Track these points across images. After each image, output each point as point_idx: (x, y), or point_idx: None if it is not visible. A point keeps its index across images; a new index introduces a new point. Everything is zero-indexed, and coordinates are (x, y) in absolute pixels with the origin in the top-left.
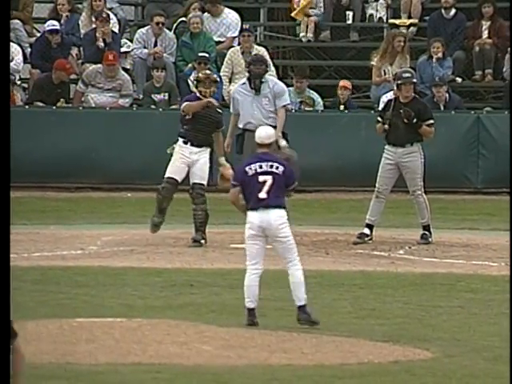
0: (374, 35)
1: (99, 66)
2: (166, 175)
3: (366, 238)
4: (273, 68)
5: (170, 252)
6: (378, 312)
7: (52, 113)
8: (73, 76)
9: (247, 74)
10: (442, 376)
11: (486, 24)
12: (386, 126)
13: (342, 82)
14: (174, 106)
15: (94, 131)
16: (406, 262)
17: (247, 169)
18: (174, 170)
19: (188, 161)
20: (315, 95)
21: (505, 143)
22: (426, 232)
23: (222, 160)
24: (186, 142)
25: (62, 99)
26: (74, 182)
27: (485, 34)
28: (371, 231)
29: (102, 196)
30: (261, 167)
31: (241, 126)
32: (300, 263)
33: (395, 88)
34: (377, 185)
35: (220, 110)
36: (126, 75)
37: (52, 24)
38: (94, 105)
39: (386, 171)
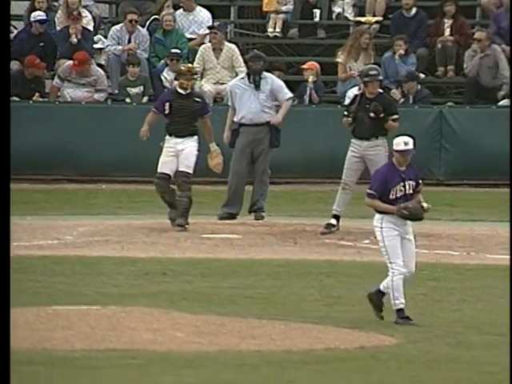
0: (340, 32)
1: (71, 63)
2: (158, 171)
3: (333, 229)
4: (243, 64)
5: (143, 242)
6: (345, 299)
7: (28, 107)
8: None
9: (244, 70)
10: (406, 361)
11: (447, 22)
12: (350, 119)
13: (308, 64)
14: (145, 99)
15: (69, 125)
16: (372, 252)
17: None
18: (164, 164)
19: (175, 151)
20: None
21: (466, 137)
22: None
23: (213, 146)
24: (170, 135)
25: (36, 93)
26: (51, 174)
27: (447, 32)
28: (338, 222)
29: (78, 188)
30: None
31: (236, 119)
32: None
33: (362, 84)
34: (343, 177)
35: (198, 99)
36: (100, 71)
37: (38, 14)
38: (69, 99)
39: (351, 164)
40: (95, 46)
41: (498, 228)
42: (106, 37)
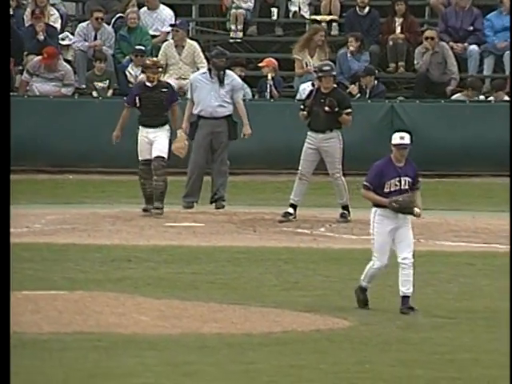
0: (296, 30)
1: (40, 57)
2: (140, 159)
3: (290, 217)
4: (204, 60)
5: (109, 230)
6: (301, 285)
7: None
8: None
9: (206, 65)
10: (359, 343)
11: (398, 20)
12: (305, 113)
13: (266, 61)
14: (110, 92)
15: (38, 118)
16: (327, 239)
17: None
18: (143, 152)
19: (148, 140)
20: (245, 85)
21: (416, 130)
22: (345, 211)
23: (180, 132)
24: (143, 125)
25: None
26: (21, 165)
27: (398, 30)
28: (295, 210)
29: (46, 178)
30: None
31: (195, 112)
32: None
33: (317, 79)
34: (300, 168)
35: (165, 90)
36: (67, 66)
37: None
38: (38, 93)
39: (308, 155)
40: (63, 42)
41: (446, 216)
42: (73, 34)
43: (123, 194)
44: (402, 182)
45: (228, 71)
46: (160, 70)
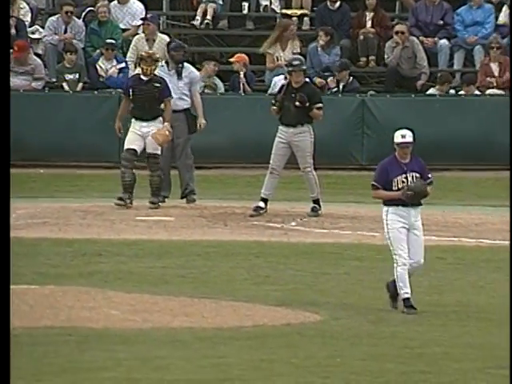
0: (267, 24)
1: (11, 51)
2: (125, 147)
3: (261, 211)
4: None
5: (80, 224)
6: (272, 279)
7: None
8: None
9: (165, 59)
10: (330, 337)
11: (369, 15)
12: (275, 107)
13: (237, 56)
14: (80, 86)
15: None
16: (298, 233)
17: None
18: (130, 142)
19: (140, 134)
20: (217, 80)
21: (387, 124)
22: (316, 205)
23: (167, 125)
24: (135, 118)
25: None
26: None
27: (368, 24)
28: (266, 204)
29: (17, 172)
30: None
31: None
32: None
33: (287, 74)
34: (271, 162)
35: (158, 85)
36: (38, 60)
37: None
38: None
39: (279, 149)
40: (32, 36)
41: None
42: (43, 27)
43: (94, 188)
44: (409, 178)
45: (186, 64)
46: (156, 62)
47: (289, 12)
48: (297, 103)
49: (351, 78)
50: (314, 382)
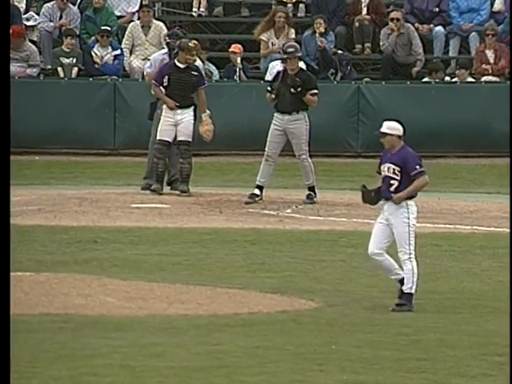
0: (262, 11)
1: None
2: (157, 138)
3: (257, 198)
4: None
5: (75, 211)
6: (268, 266)
7: None
8: None
9: (160, 47)
10: (325, 324)
11: (364, 1)
12: (273, 96)
13: (233, 47)
14: (75, 71)
15: None
16: (293, 220)
17: None
18: (163, 132)
19: (173, 121)
20: (212, 67)
21: (382, 111)
22: (311, 192)
23: (205, 115)
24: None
25: None
26: None
27: (364, 11)
28: (261, 192)
29: (12, 159)
30: None
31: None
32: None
33: (283, 61)
34: (266, 149)
35: (195, 73)
36: (33, 47)
37: None
38: None
39: (274, 136)
40: (27, 23)
41: None
42: (38, 14)
43: (90, 175)
44: (386, 169)
45: None
46: (199, 53)
47: None
48: (292, 89)
49: (349, 67)
50: (310, 369)
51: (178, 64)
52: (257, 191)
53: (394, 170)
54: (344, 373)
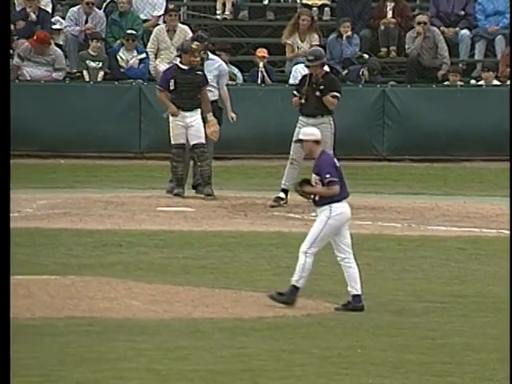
0: (288, 15)
1: (26, 43)
2: (172, 143)
3: (282, 202)
4: None
5: (100, 214)
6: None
7: None
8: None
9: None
10: (351, 327)
11: (390, 5)
12: (303, 101)
13: (259, 52)
14: (100, 75)
15: (29, 103)
16: None
17: (336, 163)
18: (177, 136)
19: (184, 124)
20: (236, 70)
21: (407, 114)
22: None
23: (210, 115)
24: (177, 109)
25: None
26: (12, 150)
27: (389, 14)
28: (286, 195)
29: (38, 163)
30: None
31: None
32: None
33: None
34: (291, 153)
35: (200, 72)
36: (58, 50)
37: None
38: (29, 78)
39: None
40: (54, 26)
41: (437, 201)
42: (64, 18)
43: (115, 178)
44: (313, 179)
45: (215, 57)
46: (201, 54)
47: (309, 2)
48: (317, 93)
49: (376, 73)
50: (335, 373)
51: (181, 66)
52: (282, 194)
53: (315, 179)
54: (369, 376)
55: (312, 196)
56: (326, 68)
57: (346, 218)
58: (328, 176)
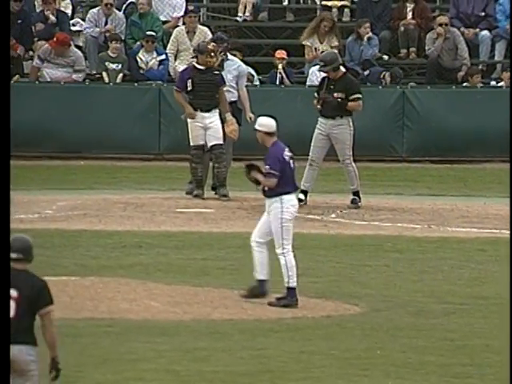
0: (307, 16)
1: (45, 44)
2: (192, 144)
3: (301, 203)
4: None
5: (120, 216)
6: (312, 271)
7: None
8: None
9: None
10: (370, 329)
11: (410, 6)
12: (319, 106)
13: (278, 53)
14: (120, 77)
15: (49, 104)
16: (338, 225)
17: (284, 156)
18: (196, 137)
19: (203, 125)
20: (253, 71)
21: (427, 116)
22: (356, 197)
23: (228, 115)
24: (195, 110)
25: (17, 75)
26: (32, 151)
27: (409, 16)
28: (306, 196)
29: (57, 164)
30: (288, 153)
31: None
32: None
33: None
34: (310, 154)
35: (217, 72)
36: (78, 52)
37: None
38: (49, 79)
39: (318, 141)
40: (73, 28)
41: (457, 202)
42: (83, 19)
43: (134, 179)
44: (262, 168)
45: (234, 58)
46: (218, 54)
47: (329, 3)
48: (335, 94)
49: (398, 77)
50: (354, 374)
51: (198, 66)
52: (301, 196)
53: (264, 168)
54: (389, 378)
55: (261, 186)
56: (342, 69)
57: (296, 210)
58: (267, 167)
